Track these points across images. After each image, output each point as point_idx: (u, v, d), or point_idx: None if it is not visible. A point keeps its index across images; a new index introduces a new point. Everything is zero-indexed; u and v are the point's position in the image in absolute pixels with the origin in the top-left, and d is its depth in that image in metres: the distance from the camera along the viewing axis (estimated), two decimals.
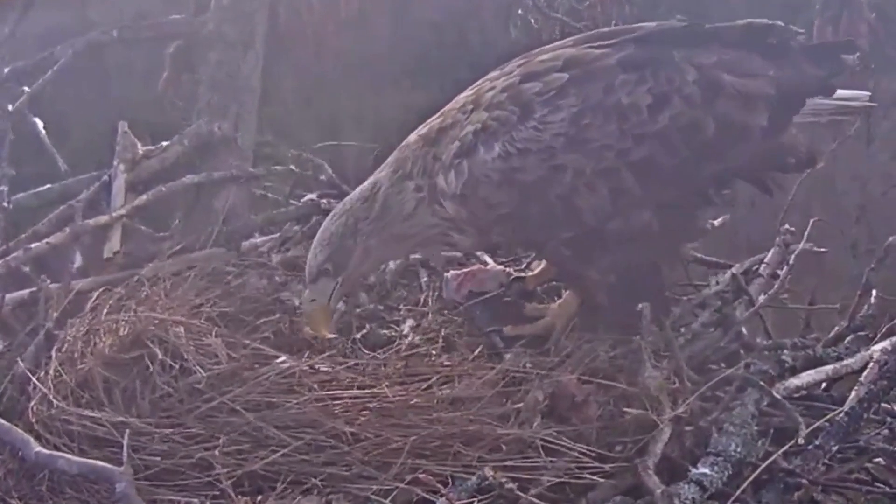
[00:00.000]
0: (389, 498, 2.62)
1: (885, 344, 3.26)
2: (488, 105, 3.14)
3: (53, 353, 3.20)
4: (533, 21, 6.87)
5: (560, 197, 3.05)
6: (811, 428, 2.86)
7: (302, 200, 4.61)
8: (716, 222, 3.88)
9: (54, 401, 2.96)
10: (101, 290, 3.57)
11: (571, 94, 3.06)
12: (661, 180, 3.07)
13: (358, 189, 3.31)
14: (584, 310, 3.31)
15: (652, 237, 3.13)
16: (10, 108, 4.79)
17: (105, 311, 3.37)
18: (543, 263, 3.61)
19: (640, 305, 2.98)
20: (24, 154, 4.88)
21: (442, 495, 2.60)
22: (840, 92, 3.23)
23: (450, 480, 2.67)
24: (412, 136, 3.30)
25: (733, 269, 3.79)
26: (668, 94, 3.04)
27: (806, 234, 3.84)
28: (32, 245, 3.98)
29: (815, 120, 3.29)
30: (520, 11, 7.03)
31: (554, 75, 3.10)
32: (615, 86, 3.05)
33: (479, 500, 2.59)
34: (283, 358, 3.12)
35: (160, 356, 3.00)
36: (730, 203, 3.34)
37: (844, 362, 3.26)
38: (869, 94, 3.31)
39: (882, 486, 2.97)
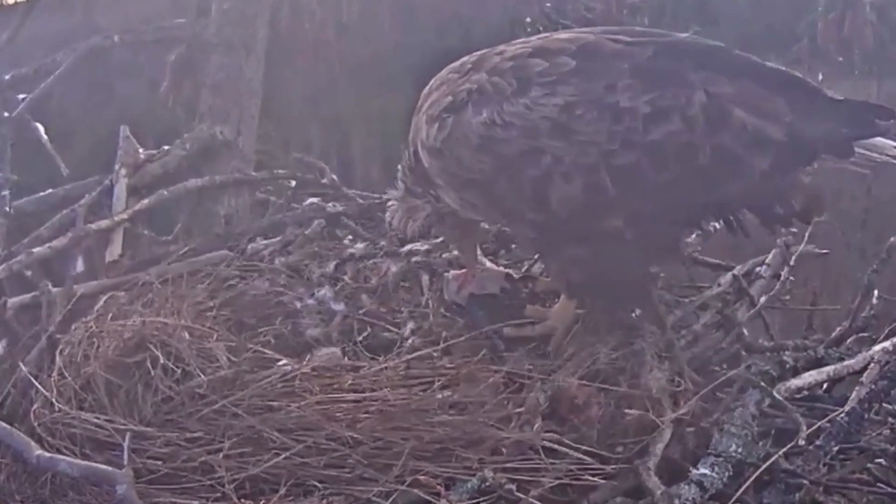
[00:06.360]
0: (390, 500, 2.62)
1: (887, 344, 3.24)
2: (491, 69, 3.12)
3: (56, 357, 3.21)
4: (541, 28, 6.87)
5: (533, 179, 3.00)
6: (812, 428, 2.86)
7: (304, 204, 4.62)
8: (717, 224, 3.89)
9: (57, 404, 2.97)
10: (103, 294, 3.58)
11: (572, 83, 3.00)
12: (642, 191, 2.98)
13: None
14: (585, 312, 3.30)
15: (622, 247, 3.05)
16: (6, 113, 4.81)
17: (107, 314, 3.37)
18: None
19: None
20: (26, 159, 4.90)
21: (443, 497, 2.60)
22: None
23: (451, 482, 2.66)
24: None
25: (735, 271, 3.79)
26: (669, 110, 2.95)
27: (807, 235, 3.85)
28: (35, 249, 3.98)
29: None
30: (528, 19, 7.03)
31: (563, 58, 3.04)
32: (618, 87, 2.97)
33: (480, 502, 2.58)
34: (284, 361, 3.12)
35: (162, 360, 2.99)
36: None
37: (846, 363, 3.25)
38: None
39: (883, 486, 2.97)
